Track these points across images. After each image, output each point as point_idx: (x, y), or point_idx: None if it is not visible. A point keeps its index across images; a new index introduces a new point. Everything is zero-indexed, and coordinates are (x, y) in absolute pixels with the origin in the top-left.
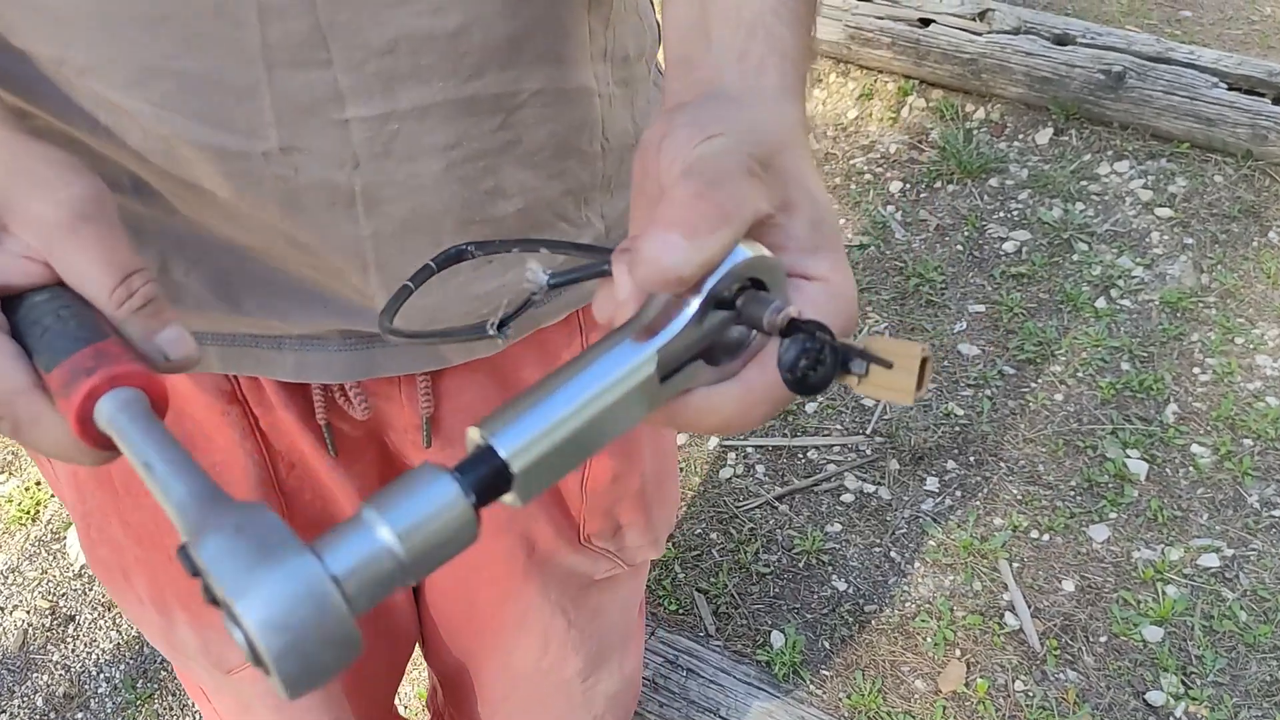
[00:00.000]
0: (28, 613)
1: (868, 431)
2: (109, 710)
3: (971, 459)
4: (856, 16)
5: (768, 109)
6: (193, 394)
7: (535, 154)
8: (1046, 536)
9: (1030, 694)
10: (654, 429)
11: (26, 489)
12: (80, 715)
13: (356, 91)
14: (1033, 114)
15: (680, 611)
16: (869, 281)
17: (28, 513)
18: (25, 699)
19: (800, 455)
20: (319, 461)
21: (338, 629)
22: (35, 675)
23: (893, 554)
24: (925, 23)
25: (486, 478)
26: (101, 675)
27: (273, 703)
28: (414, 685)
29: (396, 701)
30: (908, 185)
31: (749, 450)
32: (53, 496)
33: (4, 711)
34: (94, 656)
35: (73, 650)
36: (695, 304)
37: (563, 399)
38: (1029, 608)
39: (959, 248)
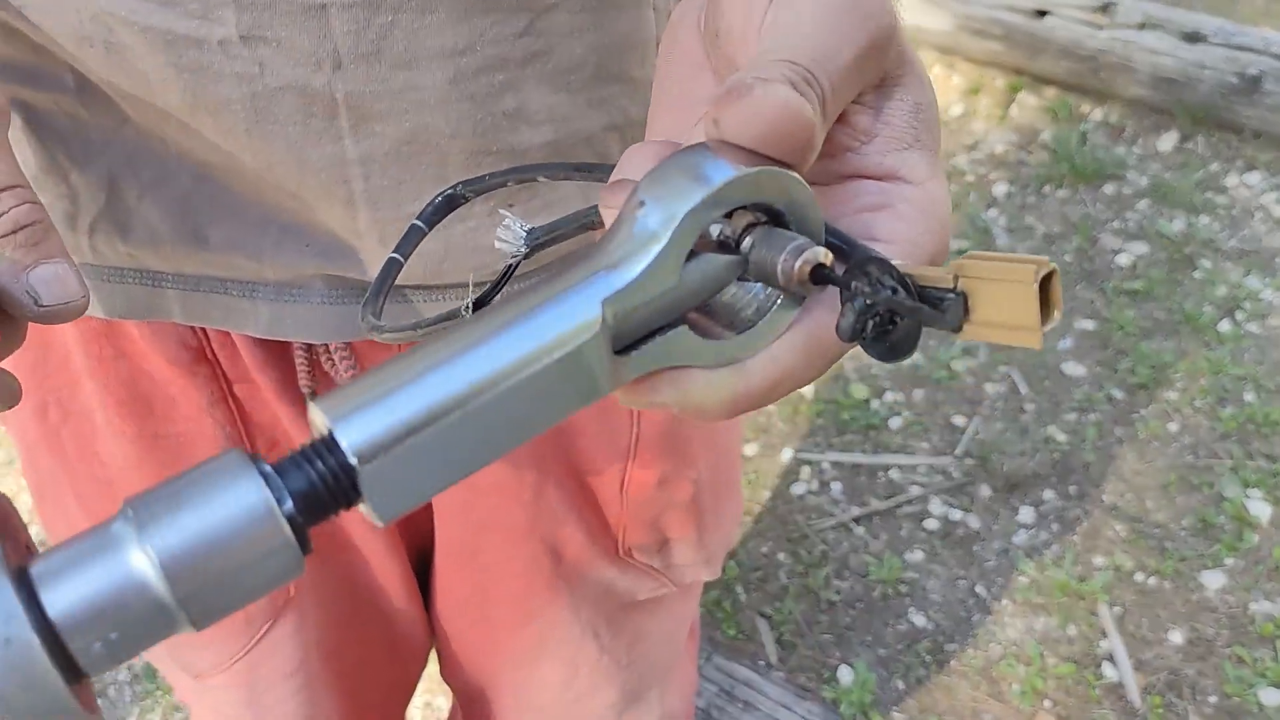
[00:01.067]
0: None
1: (957, 452)
2: (128, 699)
3: (1072, 490)
4: (967, 5)
5: None
6: (150, 348)
7: (569, 73)
8: (1153, 580)
9: None
10: (708, 428)
11: None
12: (99, 704)
13: None
14: (1156, 117)
15: (740, 637)
16: None
17: None
18: None
19: (881, 474)
20: (302, 438)
21: (33, 696)
22: None
23: (979, 589)
24: (1041, 14)
25: (320, 482)
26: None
27: (250, 716)
28: (419, 696)
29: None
30: (1014, 188)
31: (825, 465)
32: None
33: None
34: None
35: None
36: (665, 235)
37: (455, 370)
38: (1130, 659)
39: (1068, 258)
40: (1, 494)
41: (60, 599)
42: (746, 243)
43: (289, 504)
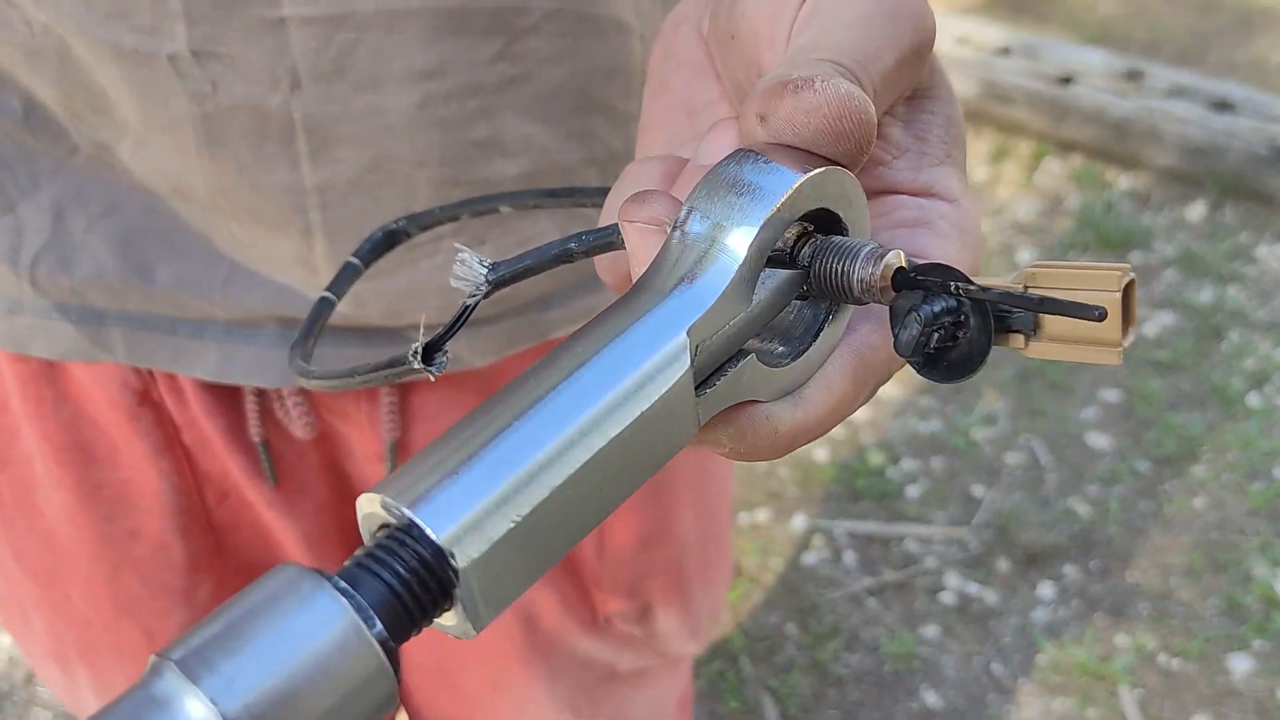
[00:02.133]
0: None
1: (975, 523)
2: None
3: (1094, 565)
4: (992, 71)
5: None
6: (93, 388)
7: (547, 101)
8: (1178, 663)
9: None
10: (695, 485)
11: None
12: None
13: None
14: (1184, 186)
15: (744, 710)
16: (989, 357)
17: None
18: None
19: (896, 544)
20: (255, 491)
21: None
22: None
23: (995, 667)
24: (1067, 80)
25: (404, 588)
26: None
27: None
28: None
29: None
30: (1039, 255)
31: (838, 534)
32: None
33: None
34: None
35: None
36: (740, 253)
37: (538, 434)
38: None
39: None
40: None
41: None
42: (805, 254)
43: (378, 626)
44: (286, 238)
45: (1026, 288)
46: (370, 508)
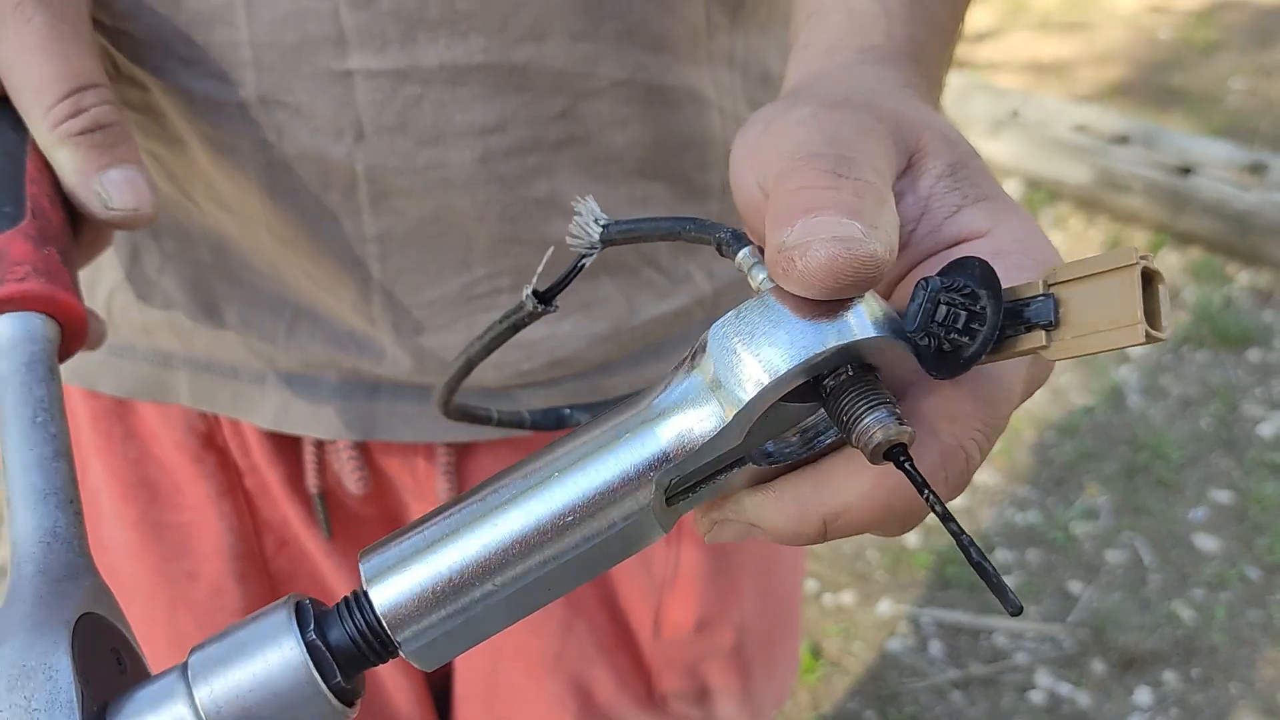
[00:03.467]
0: None
1: (1070, 620)
2: None
3: (1195, 673)
4: (1108, 159)
5: (845, 77)
6: (160, 429)
7: (610, 164)
8: None
9: None
10: (760, 566)
11: None
12: None
13: (364, 34)
14: None
15: None
16: (1093, 449)
17: None
18: None
19: (985, 638)
20: (312, 542)
21: None
22: None
23: None
24: (1186, 171)
25: (359, 638)
26: None
27: None
28: None
29: None
30: (1151, 348)
31: (925, 622)
32: None
33: None
34: None
35: None
36: (734, 408)
37: (494, 538)
38: None
39: (1205, 424)
40: (111, 623)
41: None
42: (829, 384)
43: (336, 677)
44: (346, 286)
45: (1046, 284)
46: (362, 567)
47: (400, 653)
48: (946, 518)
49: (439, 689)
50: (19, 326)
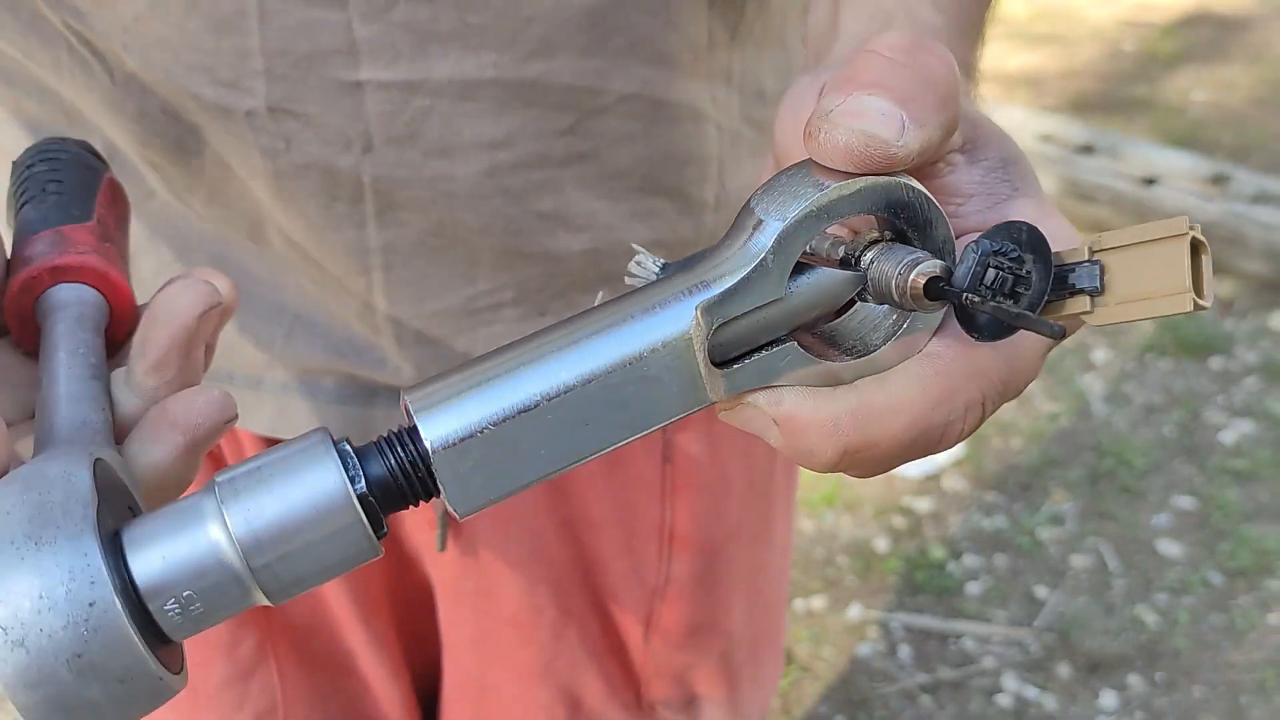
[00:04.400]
0: None
1: (1036, 625)
2: None
3: (1159, 677)
4: (1074, 170)
5: None
6: None
7: (615, 179)
8: None
9: None
10: (749, 575)
11: None
12: None
13: (376, 46)
14: (1268, 293)
15: None
16: (1059, 455)
17: None
18: None
19: (953, 642)
20: None
21: (115, 659)
22: None
23: None
24: (1150, 182)
25: (399, 470)
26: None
27: None
28: None
29: None
30: (1114, 355)
31: (895, 627)
32: None
33: None
34: None
35: None
36: (767, 244)
37: (542, 370)
38: None
39: (1168, 432)
40: (104, 462)
41: (145, 565)
42: (867, 259)
43: (362, 486)
44: (349, 295)
45: (1092, 250)
46: (405, 404)
47: (440, 491)
48: (999, 308)
49: (426, 695)
50: (74, 293)
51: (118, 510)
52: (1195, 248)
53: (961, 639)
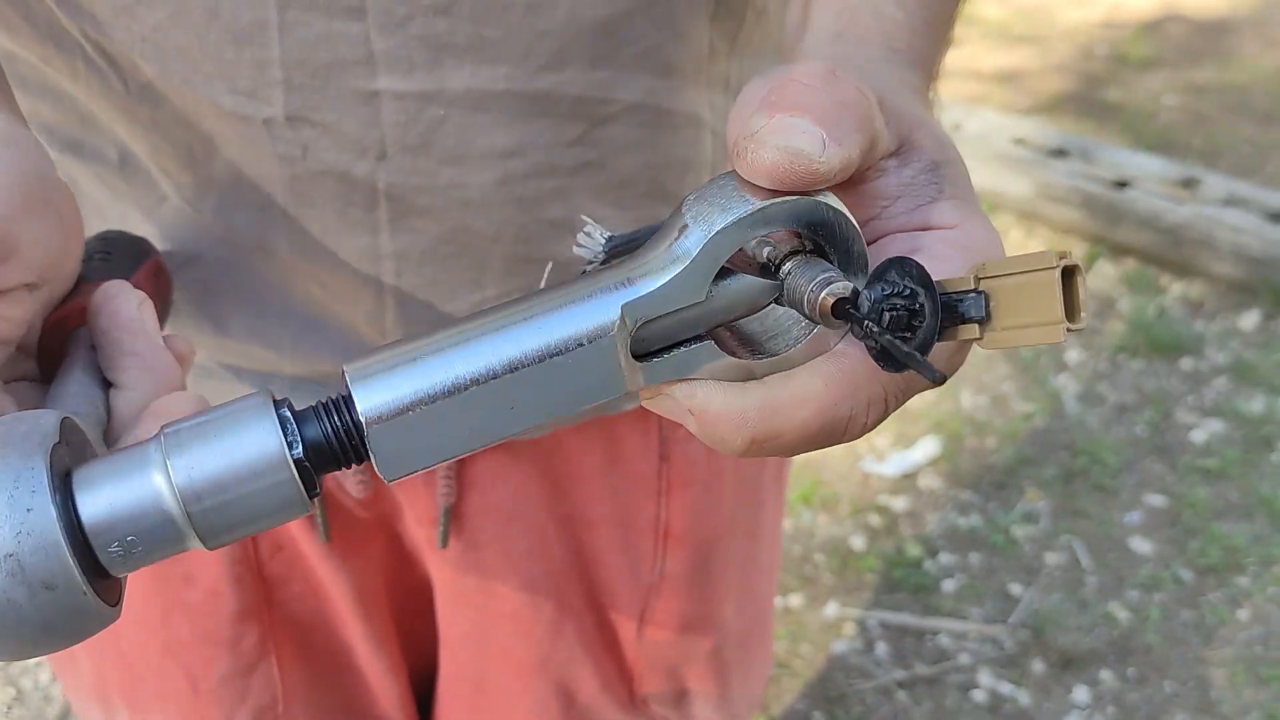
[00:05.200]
0: None
1: (1010, 621)
2: None
3: (1131, 672)
4: (1048, 172)
5: (871, 67)
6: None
7: (621, 187)
8: None
9: None
10: (740, 570)
11: None
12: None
13: (393, 57)
14: (1238, 295)
15: None
16: (1032, 454)
17: None
18: None
19: (929, 639)
20: (310, 546)
21: (44, 564)
22: None
23: None
24: (1122, 185)
25: (333, 435)
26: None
27: None
28: None
29: None
30: (1087, 356)
31: (871, 624)
32: None
33: None
34: None
35: None
36: (694, 251)
37: (473, 351)
38: None
39: (1139, 431)
40: (73, 420)
41: (91, 504)
42: (785, 268)
43: (299, 448)
44: (361, 300)
45: (977, 279)
46: (345, 374)
47: (370, 455)
48: (893, 344)
49: (422, 692)
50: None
51: (77, 458)
52: (1070, 273)
53: (937, 636)
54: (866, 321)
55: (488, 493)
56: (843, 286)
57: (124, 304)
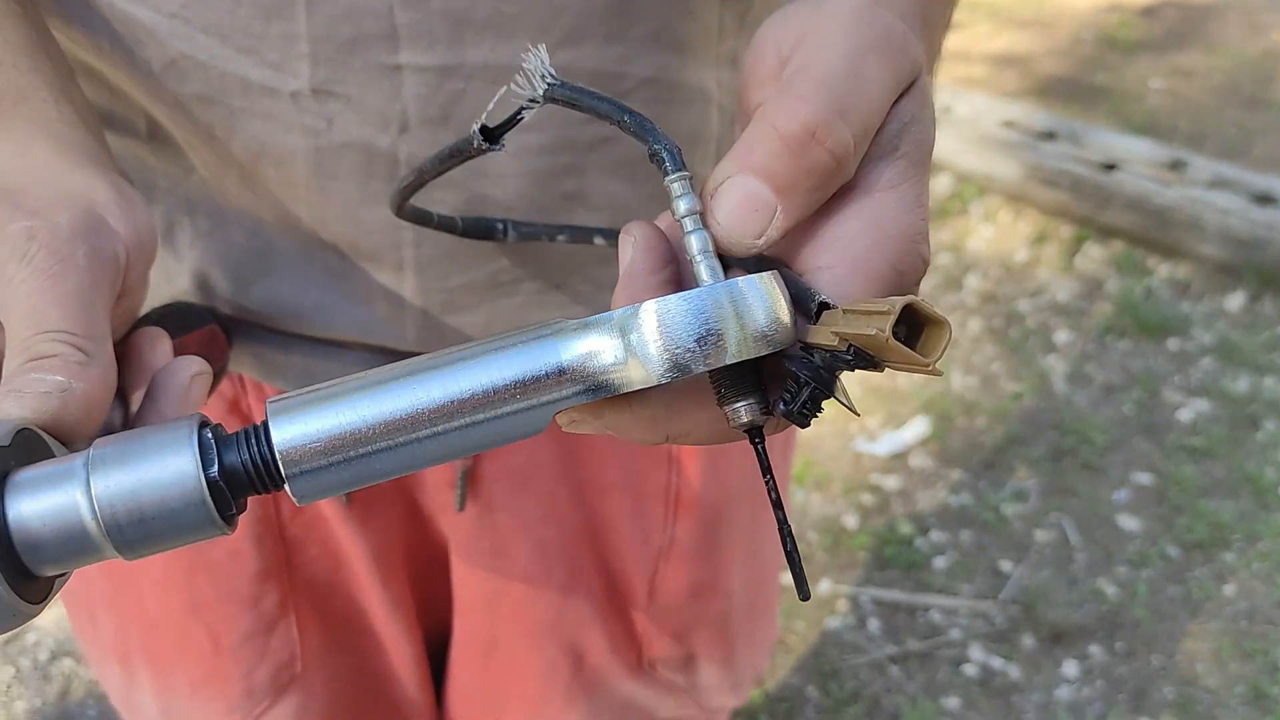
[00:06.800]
0: (76, 661)
1: (1001, 597)
2: None
3: (1119, 647)
4: (1037, 155)
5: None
6: None
7: (633, 164)
8: None
9: None
10: (747, 537)
11: None
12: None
13: (416, 32)
14: (1224, 276)
15: None
16: (1022, 433)
17: None
18: None
19: (921, 614)
20: (330, 509)
21: None
22: None
23: None
24: (1110, 168)
25: (250, 463)
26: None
27: None
28: None
29: None
30: (1075, 337)
31: (864, 600)
32: None
33: None
34: None
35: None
36: (651, 379)
37: (395, 390)
38: None
39: (1127, 410)
40: (30, 431)
41: (18, 508)
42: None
43: (215, 473)
44: (380, 271)
45: (838, 331)
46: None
47: (285, 486)
48: (777, 504)
49: (436, 654)
50: None
51: (24, 463)
52: (911, 309)
53: (929, 612)
54: (795, 367)
55: (505, 457)
56: (761, 418)
57: (178, 372)
